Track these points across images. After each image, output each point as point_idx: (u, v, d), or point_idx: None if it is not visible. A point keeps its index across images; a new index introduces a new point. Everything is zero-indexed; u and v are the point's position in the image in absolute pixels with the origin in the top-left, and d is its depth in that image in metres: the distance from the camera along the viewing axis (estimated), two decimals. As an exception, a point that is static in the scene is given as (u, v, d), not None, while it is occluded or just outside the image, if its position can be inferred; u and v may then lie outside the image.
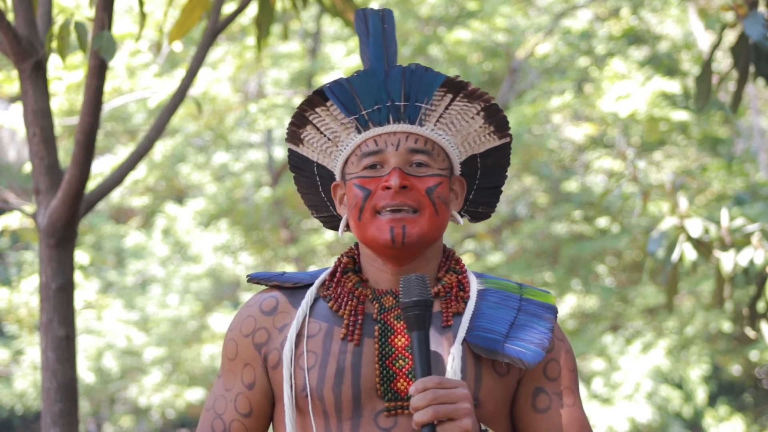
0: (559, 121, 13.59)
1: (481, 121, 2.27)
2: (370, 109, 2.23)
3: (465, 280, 2.27)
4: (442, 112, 2.24)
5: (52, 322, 3.93)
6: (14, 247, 15.70)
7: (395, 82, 2.22)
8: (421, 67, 2.23)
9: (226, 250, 14.35)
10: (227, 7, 5.87)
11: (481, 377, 2.18)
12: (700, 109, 4.91)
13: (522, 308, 2.25)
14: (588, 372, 13.27)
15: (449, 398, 2.06)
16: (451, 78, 2.22)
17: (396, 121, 2.23)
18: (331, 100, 2.24)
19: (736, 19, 4.89)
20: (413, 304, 2.12)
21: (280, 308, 2.28)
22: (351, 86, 2.23)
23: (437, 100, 2.23)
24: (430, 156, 2.23)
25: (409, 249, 2.21)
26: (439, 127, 2.25)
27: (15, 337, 14.58)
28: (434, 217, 2.21)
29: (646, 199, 6.45)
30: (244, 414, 2.28)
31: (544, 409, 2.21)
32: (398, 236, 2.18)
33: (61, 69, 8.46)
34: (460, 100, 2.24)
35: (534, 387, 2.22)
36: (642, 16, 13.88)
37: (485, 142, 2.29)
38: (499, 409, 2.21)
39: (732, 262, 5.76)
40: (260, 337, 2.28)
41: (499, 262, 13.68)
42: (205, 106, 12.43)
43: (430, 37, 13.10)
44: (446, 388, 2.06)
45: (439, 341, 2.19)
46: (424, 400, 2.05)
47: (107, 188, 4.26)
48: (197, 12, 4.44)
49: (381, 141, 2.23)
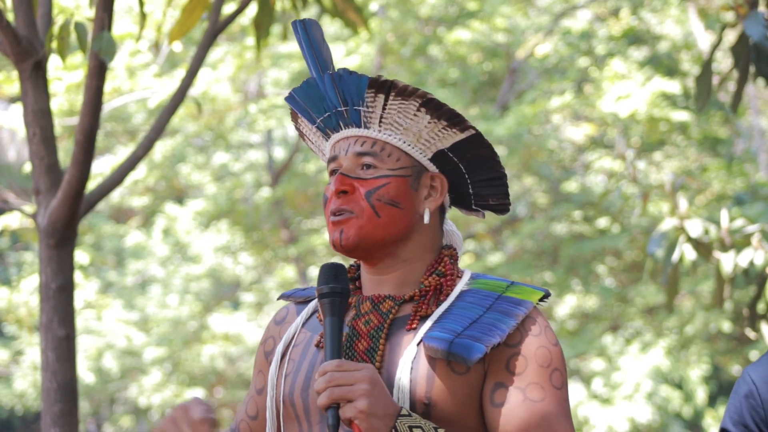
0: (559, 122, 13.59)
1: (428, 117, 2.26)
2: (321, 118, 2.29)
3: (447, 282, 2.27)
4: (382, 113, 2.26)
5: (52, 322, 3.93)
6: (14, 247, 15.70)
7: (330, 89, 2.26)
8: (347, 71, 2.25)
9: (226, 251, 14.36)
10: (227, 7, 5.87)
11: (434, 377, 2.17)
12: (700, 110, 4.91)
13: (493, 307, 2.23)
14: (588, 372, 13.27)
15: (346, 380, 2.08)
16: (375, 78, 2.23)
17: (345, 126, 2.28)
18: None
19: (736, 19, 4.89)
20: (323, 293, 2.17)
21: (288, 318, 2.37)
22: (299, 98, 2.30)
23: (370, 101, 2.25)
24: (377, 157, 2.25)
25: (354, 251, 2.24)
26: (385, 127, 2.26)
27: (15, 338, 14.58)
28: (374, 218, 2.22)
29: (646, 200, 6.46)
30: (251, 416, 2.38)
31: (501, 403, 2.19)
32: (337, 241, 2.24)
33: (61, 69, 8.46)
34: (394, 99, 2.25)
35: (494, 382, 2.20)
36: (642, 17, 13.88)
37: (446, 137, 2.28)
38: (462, 409, 2.19)
39: (732, 262, 5.76)
40: (269, 345, 2.38)
41: (499, 262, 13.68)
42: (205, 107, 12.43)
43: (430, 37, 13.11)
44: (344, 371, 2.09)
45: (399, 344, 2.20)
46: (323, 383, 2.09)
47: (107, 188, 4.26)
48: (197, 12, 4.45)
49: (337, 147, 2.29)
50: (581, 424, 12.51)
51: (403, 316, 2.23)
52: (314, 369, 2.23)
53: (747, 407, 2.56)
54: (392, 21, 12.76)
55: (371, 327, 2.22)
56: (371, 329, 2.22)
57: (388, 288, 2.27)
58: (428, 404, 2.16)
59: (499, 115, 12.98)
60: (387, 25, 12.69)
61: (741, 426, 2.56)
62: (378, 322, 2.22)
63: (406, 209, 2.25)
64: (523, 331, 2.22)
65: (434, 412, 2.17)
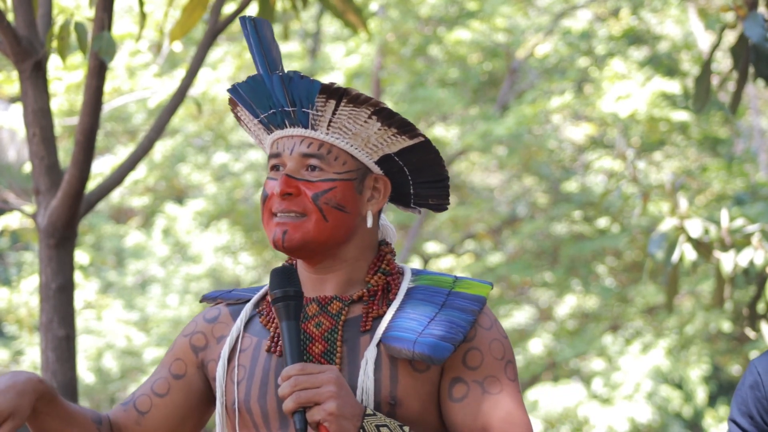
0: (559, 122, 13.59)
1: (378, 124, 2.26)
2: (266, 114, 2.27)
3: (394, 281, 2.27)
4: (331, 117, 2.25)
5: (52, 322, 3.93)
6: (14, 247, 15.69)
7: (278, 89, 2.24)
8: (298, 74, 2.23)
9: (227, 251, 14.36)
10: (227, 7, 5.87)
11: (398, 376, 2.18)
12: (699, 110, 4.91)
13: (447, 303, 2.24)
14: (588, 372, 13.27)
15: (311, 383, 2.08)
16: (327, 85, 2.22)
17: (291, 125, 2.26)
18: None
19: (735, 20, 4.89)
20: (276, 297, 2.17)
21: (221, 319, 2.34)
22: (243, 92, 2.28)
23: (321, 106, 2.24)
24: (324, 160, 2.24)
25: (297, 252, 2.24)
26: (333, 130, 2.25)
27: (15, 338, 14.57)
28: (322, 222, 2.22)
29: (646, 200, 6.45)
30: (159, 393, 2.34)
31: (460, 398, 2.20)
32: (278, 240, 2.22)
33: (61, 69, 8.47)
34: (345, 106, 2.24)
35: (451, 377, 2.21)
36: (642, 17, 13.88)
37: (395, 143, 2.28)
38: (425, 407, 2.21)
39: (732, 262, 5.76)
40: (198, 340, 2.35)
41: (499, 262, 13.68)
42: (205, 107, 12.43)
43: (430, 37, 13.11)
44: (309, 374, 2.09)
45: (357, 346, 2.20)
46: (288, 387, 2.08)
47: (107, 188, 4.26)
48: (197, 12, 4.45)
49: (281, 144, 2.27)
50: (581, 424, 12.51)
51: (354, 317, 2.23)
52: (269, 375, 2.21)
53: (752, 398, 2.58)
54: (392, 21, 12.76)
55: (324, 329, 2.22)
56: (324, 332, 2.21)
57: (331, 288, 2.26)
58: (393, 404, 2.17)
59: (499, 115, 12.98)
60: (387, 25, 12.69)
61: (747, 417, 2.58)
62: (330, 325, 2.22)
63: (352, 212, 2.25)
64: (477, 325, 2.23)
65: (399, 411, 2.18)
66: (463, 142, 12.66)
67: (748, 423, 2.57)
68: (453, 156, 13.20)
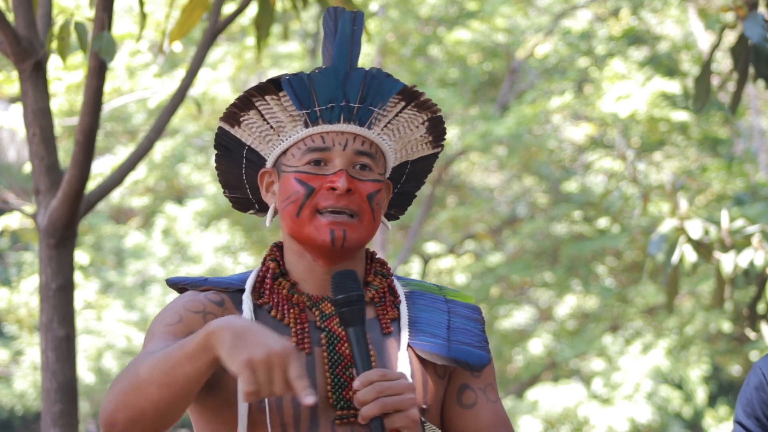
0: (559, 122, 13.59)
1: (424, 130, 2.27)
2: (324, 107, 2.21)
3: (393, 284, 2.27)
4: (392, 119, 2.24)
5: (52, 322, 3.93)
6: (14, 248, 15.70)
7: (355, 84, 2.21)
8: (383, 73, 2.22)
9: (226, 251, 14.36)
10: (227, 7, 5.87)
11: (428, 381, 2.19)
12: (698, 110, 4.91)
13: (451, 311, 2.26)
14: (588, 372, 13.27)
15: (395, 390, 2.04)
16: (408, 87, 2.22)
17: (346, 121, 2.21)
18: (285, 91, 2.21)
19: (736, 20, 4.89)
20: (344, 301, 2.12)
21: (226, 305, 2.22)
22: (310, 81, 2.21)
23: (390, 106, 2.23)
24: (374, 160, 2.22)
25: (346, 252, 2.19)
26: (386, 132, 2.24)
27: (15, 338, 14.58)
28: (371, 223, 2.20)
29: (646, 200, 6.45)
30: None
31: (470, 405, 2.21)
32: (339, 239, 2.15)
33: (61, 69, 8.47)
34: (410, 109, 2.24)
35: (459, 384, 2.22)
36: (642, 17, 13.88)
37: (420, 151, 2.30)
38: (439, 412, 2.23)
39: (732, 263, 5.76)
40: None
41: (499, 262, 13.68)
42: (205, 107, 12.44)
43: (430, 37, 13.11)
44: (390, 380, 2.06)
45: (384, 348, 2.18)
46: (372, 393, 2.04)
47: (107, 188, 4.26)
48: (197, 12, 4.44)
49: (329, 138, 2.20)
50: (581, 424, 12.51)
51: (370, 319, 2.21)
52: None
53: (758, 399, 2.59)
54: (392, 21, 12.76)
55: None
56: None
57: None
58: (426, 409, 2.17)
59: (499, 115, 12.98)
60: (387, 25, 12.69)
61: (753, 418, 2.59)
62: None
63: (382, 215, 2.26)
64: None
65: (428, 416, 2.18)
66: (463, 143, 12.65)
67: (754, 424, 2.58)
68: (453, 156, 13.20)
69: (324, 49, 2.27)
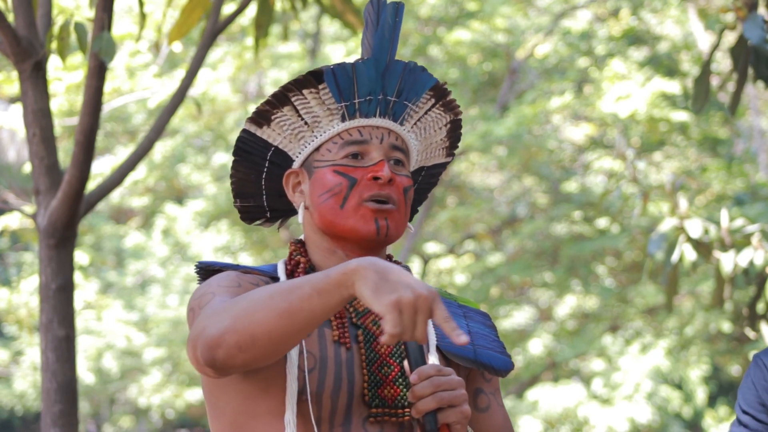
0: (559, 122, 13.59)
1: (444, 133, 2.28)
2: (363, 99, 2.19)
3: None
4: (421, 116, 2.24)
5: (52, 322, 3.93)
6: (14, 248, 15.70)
7: (394, 77, 2.20)
8: (419, 67, 2.22)
9: (226, 251, 14.36)
10: (227, 7, 5.88)
11: None
12: (698, 110, 4.91)
13: (467, 316, 2.27)
14: (588, 372, 13.27)
15: (450, 385, 2.04)
16: (439, 83, 2.22)
17: (382, 115, 2.20)
18: (326, 83, 2.18)
19: (735, 21, 4.89)
20: None
21: None
22: (354, 71, 2.18)
23: (423, 102, 2.23)
24: (406, 155, 2.23)
25: (386, 242, 2.18)
26: (414, 130, 2.25)
27: (15, 338, 14.58)
28: (405, 216, 2.20)
29: (646, 200, 6.46)
30: None
31: (485, 409, 2.23)
32: (383, 228, 2.15)
33: (60, 70, 8.47)
34: (438, 108, 2.24)
35: (474, 387, 2.24)
36: (642, 17, 13.88)
37: (436, 157, 2.31)
38: None
39: (732, 262, 5.77)
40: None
41: (499, 262, 13.68)
42: (205, 107, 12.44)
43: (430, 37, 13.10)
44: (446, 376, 2.06)
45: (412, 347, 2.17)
46: (429, 387, 2.03)
47: (107, 188, 4.26)
48: (197, 12, 4.45)
49: (366, 132, 2.19)
50: (581, 424, 12.51)
51: None
52: (341, 369, 2.10)
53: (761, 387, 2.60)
54: (392, 21, 12.74)
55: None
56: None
57: None
58: None
59: (499, 115, 12.98)
60: (387, 26, 12.66)
61: (759, 406, 2.60)
62: None
63: None
64: None
65: None
66: (463, 143, 12.65)
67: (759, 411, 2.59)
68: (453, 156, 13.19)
69: (363, 39, 2.25)
